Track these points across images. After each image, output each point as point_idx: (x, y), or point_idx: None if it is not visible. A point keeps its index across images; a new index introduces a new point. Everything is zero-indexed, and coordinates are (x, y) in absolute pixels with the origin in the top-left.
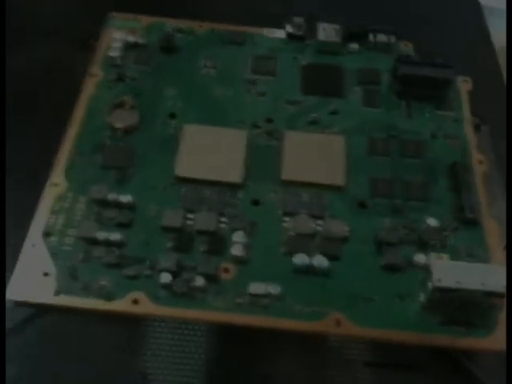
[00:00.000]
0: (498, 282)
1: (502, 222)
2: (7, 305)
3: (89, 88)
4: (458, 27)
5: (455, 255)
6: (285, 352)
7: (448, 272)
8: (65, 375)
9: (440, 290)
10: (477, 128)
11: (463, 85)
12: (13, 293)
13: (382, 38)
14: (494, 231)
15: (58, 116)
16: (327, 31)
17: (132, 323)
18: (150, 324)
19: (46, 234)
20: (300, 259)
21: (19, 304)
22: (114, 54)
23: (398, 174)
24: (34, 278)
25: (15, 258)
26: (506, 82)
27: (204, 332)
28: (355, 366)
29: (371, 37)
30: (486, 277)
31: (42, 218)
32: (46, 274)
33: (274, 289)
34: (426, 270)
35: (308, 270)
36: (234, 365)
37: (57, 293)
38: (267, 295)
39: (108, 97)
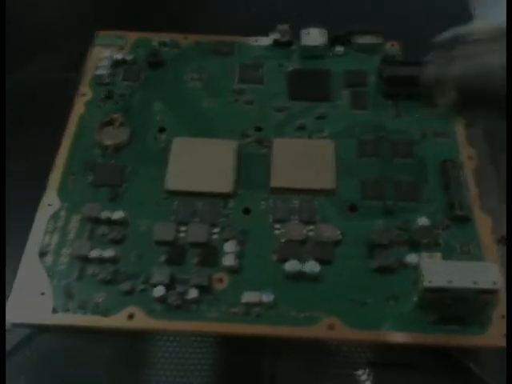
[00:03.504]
0: (490, 280)
1: (495, 217)
2: (6, 326)
3: (78, 108)
4: (445, 22)
5: (448, 253)
6: (286, 357)
7: (439, 272)
8: None
9: (431, 291)
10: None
11: None
12: (11, 314)
13: (367, 39)
14: (486, 227)
15: (51, 136)
16: (311, 35)
17: (130, 338)
18: (148, 338)
19: (41, 254)
20: (292, 266)
21: (17, 325)
22: (101, 72)
23: (388, 175)
24: (31, 299)
25: (13, 279)
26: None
27: (203, 343)
28: (356, 367)
29: (357, 39)
30: (477, 275)
31: (36, 238)
32: (42, 294)
33: (267, 296)
34: (418, 270)
35: (300, 276)
36: (236, 373)
37: (54, 312)
38: (261, 303)
39: (97, 115)
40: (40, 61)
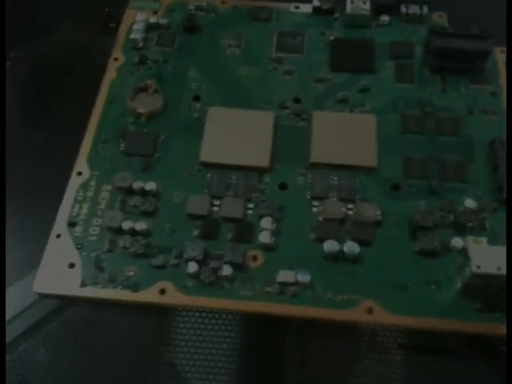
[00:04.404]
0: None
1: None
2: (33, 297)
3: (111, 73)
4: None
5: (494, 238)
6: (317, 338)
7: (487, 257)
8: (93, 367)
9: (479, 277)
10: None
11: (501, 56)
12: (39, 286)
13: (414, 9)
14: None
15: (83, 102)
16: (355, 3)
17: (160, 313)
18: (177, 314)
19: (71, 224)
20: (330, 246)
21: (45, 296)
22: (135, 36)
23: (433, 154)
24: (60, 270)
25: (42, 250)
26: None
27: (234, 321)
28: (389, 351)
29: (403, 8)
30: None
31: (66, 207)
32: (71, 266)
33: (303, 276)
34: (464, 254)
35: (338, 257)
36: (266, 352)
37: (83, 284)
38: (296, 283)
39: (130, 81)
40: (75, 25)
